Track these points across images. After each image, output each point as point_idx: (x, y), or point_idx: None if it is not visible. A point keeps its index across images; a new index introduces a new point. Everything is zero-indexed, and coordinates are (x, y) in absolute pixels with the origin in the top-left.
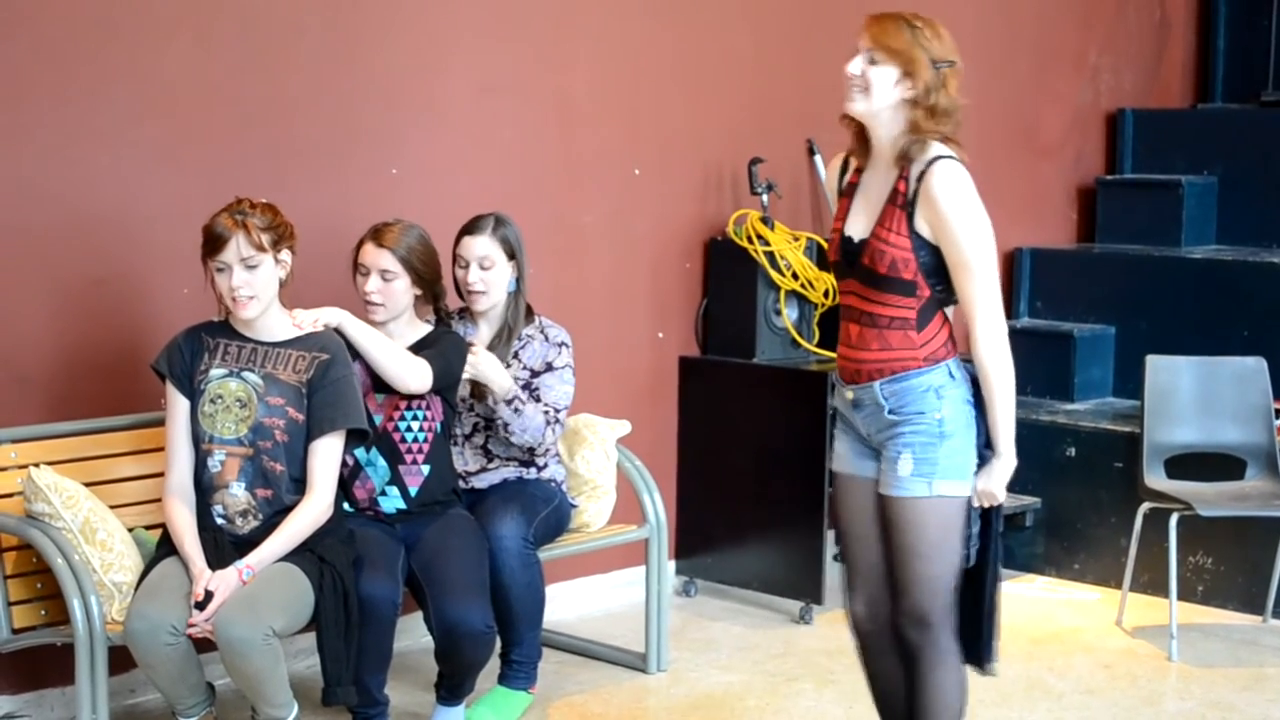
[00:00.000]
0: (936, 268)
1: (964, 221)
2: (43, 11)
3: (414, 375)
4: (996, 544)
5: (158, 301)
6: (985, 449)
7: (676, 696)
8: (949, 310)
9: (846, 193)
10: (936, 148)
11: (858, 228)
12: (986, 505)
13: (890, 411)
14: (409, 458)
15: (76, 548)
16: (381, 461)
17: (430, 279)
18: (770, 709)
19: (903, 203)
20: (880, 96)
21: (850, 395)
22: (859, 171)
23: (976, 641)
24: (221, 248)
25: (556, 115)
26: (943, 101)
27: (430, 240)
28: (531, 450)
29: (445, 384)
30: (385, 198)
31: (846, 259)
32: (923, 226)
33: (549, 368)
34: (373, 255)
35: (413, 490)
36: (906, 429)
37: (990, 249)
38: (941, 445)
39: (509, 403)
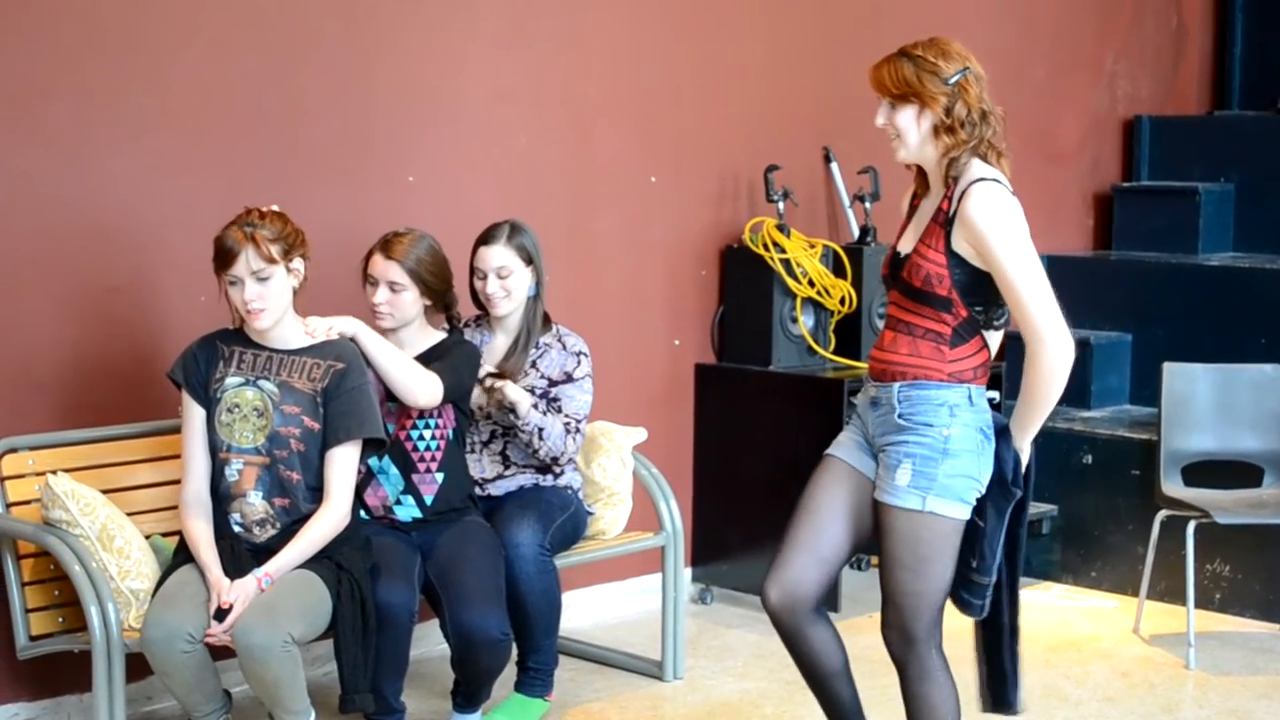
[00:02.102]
0: (973, 287)
1: (1001, 243)
2: (59, 19)
3: (424, 390)
4: (1015, 592)
5: (174, 308)
6: (1014, 485)
7: (692, 704)
8: (992, 337)
9: (908, 216)
10: (978, 169)
11: (907, 244)
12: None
13: (900, 416)
14: (422, 466)
15: (94, 555)
16: (394, 470)
17: (440, 289)
18: (786, 717)
19: (943, 220)
20: (912, 137)
21: (873, 393)
22: (920, 196)
23: (1002, 686)
24: (232, 262)
25: (572, 123)
26: (960, 112)
27: (440, 250)
28: (553, 459)
29: (456, 396)
30: (401, 205)
31: (892, 272)
32: (961, 246)
33: (569, 378)
34: (381, 267)
35: (428, 499)
36: (911, 438)
37: (1036, 267)
38: (943, 462)
39: (535, 406)
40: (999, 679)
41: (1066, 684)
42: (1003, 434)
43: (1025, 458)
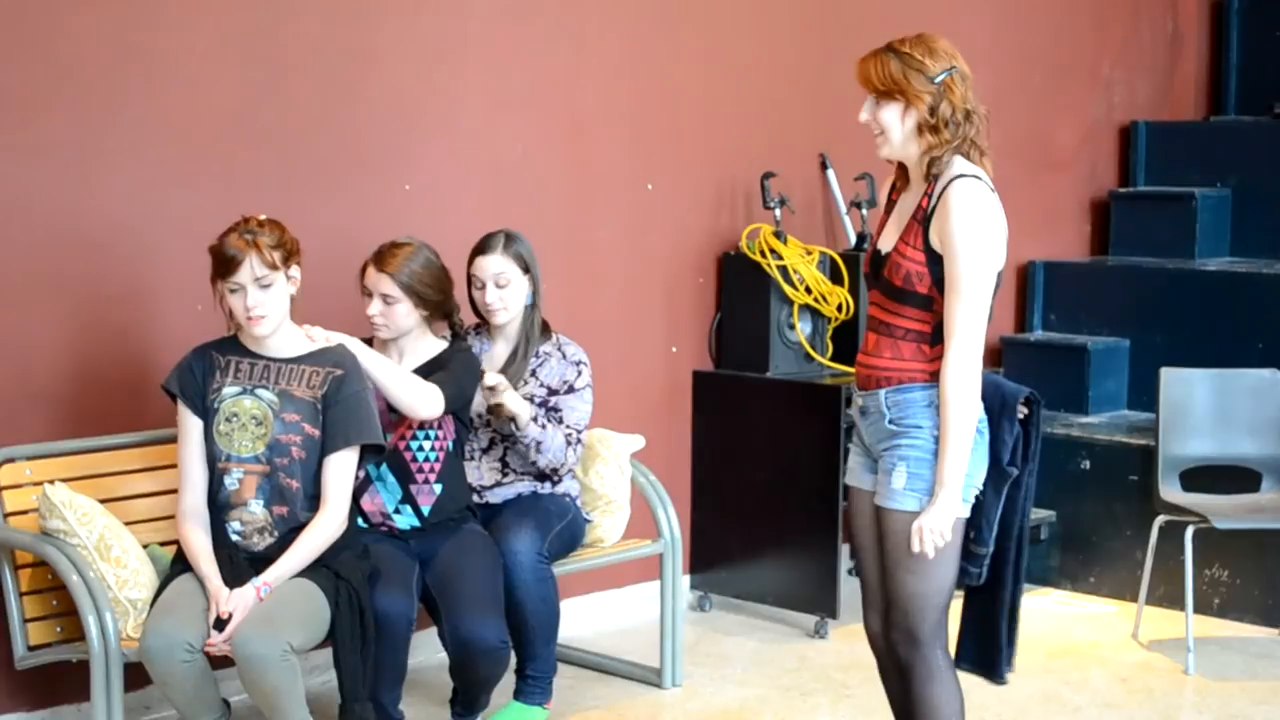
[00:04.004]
0: None
1: (966, 240)
2: (57, 31)
3: (425, 403)
4: (1021, 556)
5: (171, 318)
6: (1009, 465)
7: (692, 712)
8: None
9: (887, 210)
10: (960, 166)
11: (887, 242)
12: (922, 548)
13: (891, 421)
14: (420, 477)
15: (91, 564)
16: (392, 479)
17: (437, 301)
18: None
19: (922, 217)
20: (896, 134)
21: (861, 402)
22: (900, 190)
23: (990, 651)
24: (235, 269)
25: (569, 131)
26: (945, 111)
27: (437, 261)
28: (553, 469)
29: (458, 406)
30: (398, 214)
31: (873, 271)
32: (936, 241)
33: (570, 388)
34: (374, 279)
35: (425, 509)
36: (904, 441)
37: (985, 277)
38: (936, 462)
39: (534, 419)
40: (995, 649)
41: (1066, 690)
42: (1004, 411)
43: (948, 498)
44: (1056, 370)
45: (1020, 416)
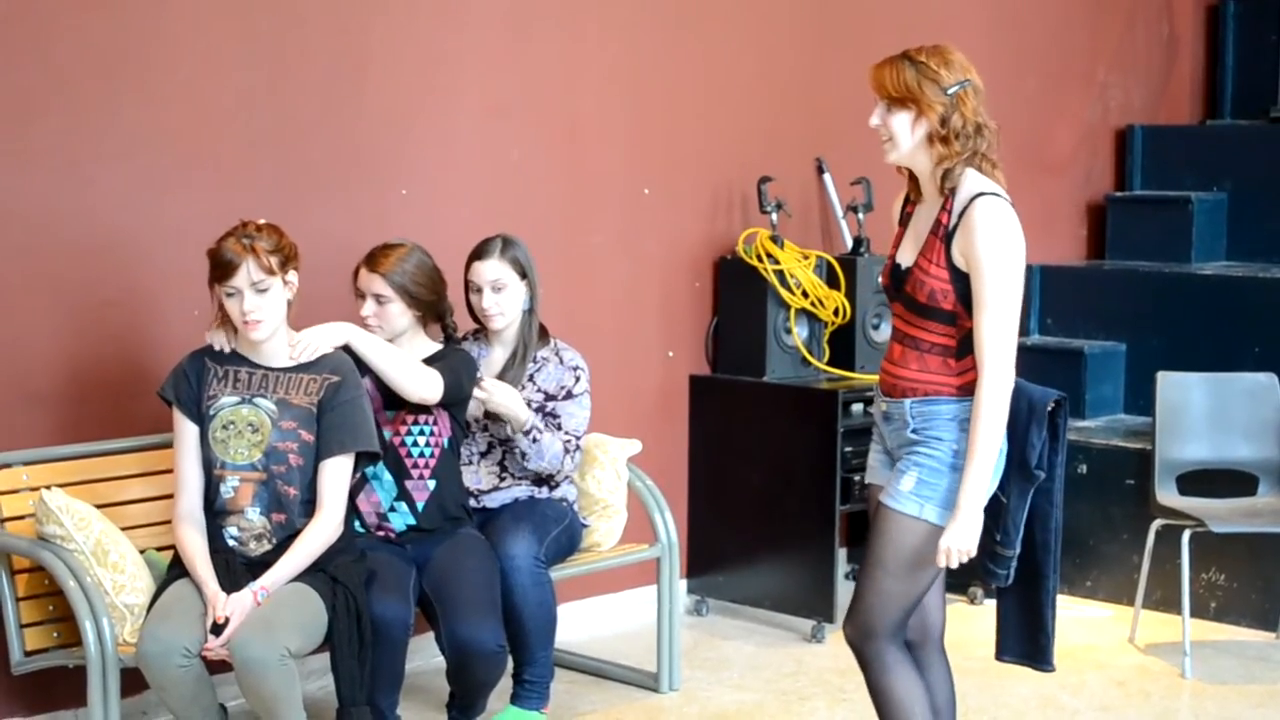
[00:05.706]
0: None
1: (993, 259)
2: (53, 35)
3: (424, 385)
4: (1058, 546)
5: (168, 323)
6: (1036, 468)
7: (689, 716)
8: None
9: (902, 222)
10: (976, 181)
11: (906, 256)
12: (946, 564)
13: (913, 431)
14: (415, 472)
15: (88, 570)
16: (387, 475)
17: (429, 301)
18: None
19: (943, 234)
20: (905, 141)
21: (884, 407)
22: (914, 203)
23: (1039, 639)
24: (232, 273)
25: (566, 136)
26: (956, 123)
27: (430, 263)
28: (549, 475)
29: (454, 398)
30: (395, 219)
31: (894, 285)
32: (959, 259)
33: (568, 394)
34: (366, 280)
35: (420, 505)
36: (922, 450)
37: (1013, 294)
38: (949, 476)
39: (526, 433)
40: (1046, 638)
41: (1063, 694)
42: (1033, 415)
43: (967, 518)
44: (1052, 374)
45: (1049, 410)
